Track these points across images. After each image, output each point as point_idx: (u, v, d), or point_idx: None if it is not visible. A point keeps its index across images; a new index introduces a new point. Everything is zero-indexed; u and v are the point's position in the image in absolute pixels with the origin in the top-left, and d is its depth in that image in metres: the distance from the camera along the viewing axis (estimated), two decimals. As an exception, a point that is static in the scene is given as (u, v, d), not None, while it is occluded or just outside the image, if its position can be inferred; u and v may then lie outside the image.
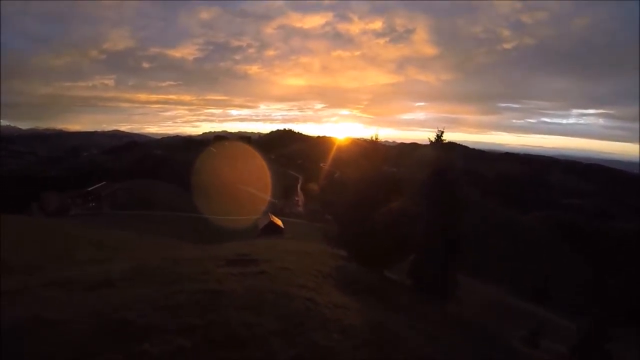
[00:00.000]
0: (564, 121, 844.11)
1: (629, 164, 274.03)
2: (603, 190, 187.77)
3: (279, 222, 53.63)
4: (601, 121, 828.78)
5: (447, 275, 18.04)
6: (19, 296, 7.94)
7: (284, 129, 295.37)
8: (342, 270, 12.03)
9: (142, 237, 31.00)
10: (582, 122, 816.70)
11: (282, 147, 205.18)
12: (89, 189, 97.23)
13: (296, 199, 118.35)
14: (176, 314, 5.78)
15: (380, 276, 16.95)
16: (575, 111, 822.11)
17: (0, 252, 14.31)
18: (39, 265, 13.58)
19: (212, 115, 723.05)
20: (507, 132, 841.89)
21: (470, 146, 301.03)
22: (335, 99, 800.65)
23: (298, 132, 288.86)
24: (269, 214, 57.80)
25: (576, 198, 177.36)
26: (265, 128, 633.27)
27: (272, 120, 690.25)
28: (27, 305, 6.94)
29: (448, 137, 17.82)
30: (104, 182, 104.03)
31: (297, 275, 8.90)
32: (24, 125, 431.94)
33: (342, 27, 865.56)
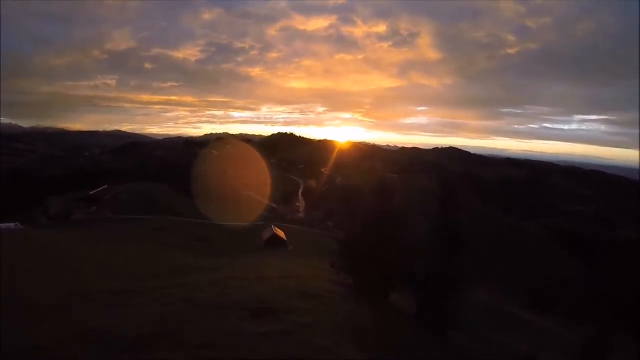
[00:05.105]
0: (566, 127, 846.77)
1: (631, 170, 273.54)
2: (604, 197, 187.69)
3: (282, 234, 54.33)
4: (603, 127, 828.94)
5: (450, 307, 18.68)
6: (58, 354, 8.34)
7: (286, 132, 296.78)
8: (354, 316, 12.68)
9: (150, 254, 31.59)
10: (584, 128, 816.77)
11: (283, 150, 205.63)
12: (91, 192, 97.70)
13: (297, 205, 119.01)
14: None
15: (387, 310, 17.57)
16: (577, 117, 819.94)
17: (10, 286, 13.84)
18: (61, 304, 13.64)
19: (214, 117, 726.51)
20: (509, 138, 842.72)
21: (472, 151, 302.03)
22: (337, 102, 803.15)
23: (300, 136, 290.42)
24: (272, 225, 58.55)
25: (577, 204, 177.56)
26: (267, 131, 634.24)
27: (274, 123, 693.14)
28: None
29: (450, 142, 18.54)
30: (105, 186, 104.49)
31: (316, 332, 9.52)
32: (26, 123, 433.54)
33: (345, 30, 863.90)
